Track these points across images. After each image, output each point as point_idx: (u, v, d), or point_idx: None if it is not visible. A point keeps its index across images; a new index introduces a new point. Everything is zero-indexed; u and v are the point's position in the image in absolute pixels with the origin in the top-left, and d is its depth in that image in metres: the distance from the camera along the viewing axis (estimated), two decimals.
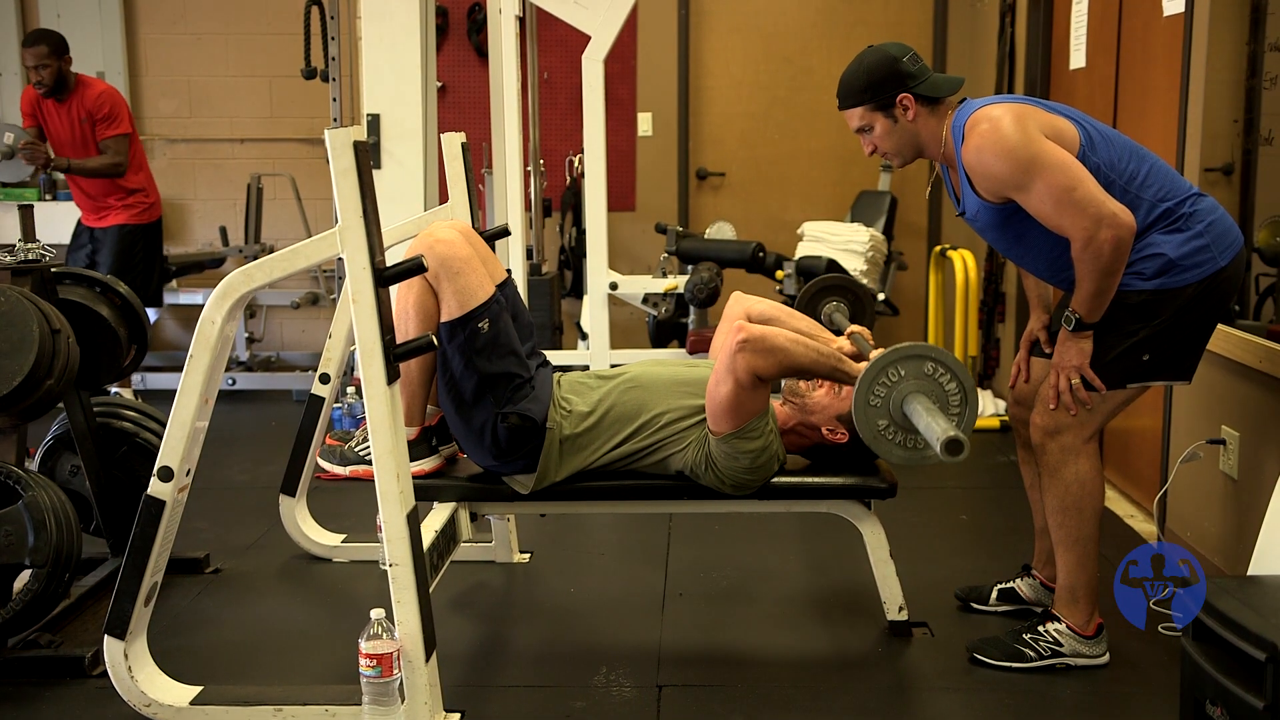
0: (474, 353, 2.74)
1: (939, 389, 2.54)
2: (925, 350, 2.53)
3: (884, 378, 2.52)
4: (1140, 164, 2.62)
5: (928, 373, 2.53)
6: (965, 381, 2.55)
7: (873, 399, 2.53)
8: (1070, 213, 2.50)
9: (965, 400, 2.54)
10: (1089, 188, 2.50)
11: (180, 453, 2.43)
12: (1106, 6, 4.37)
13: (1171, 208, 2.60)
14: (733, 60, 6.70)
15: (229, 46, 6.60)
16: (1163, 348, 2.63)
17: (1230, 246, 2.63)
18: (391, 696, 2.37)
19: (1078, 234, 2.51)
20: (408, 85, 4.77)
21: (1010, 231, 2.69)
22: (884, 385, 2.53)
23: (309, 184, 6.57)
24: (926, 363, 2.53)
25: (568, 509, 3.16)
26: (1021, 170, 2.51)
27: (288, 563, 3.57)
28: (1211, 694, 2.12)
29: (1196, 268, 2.59)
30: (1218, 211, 2.65)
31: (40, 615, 2.78)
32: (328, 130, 2.28)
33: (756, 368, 2.63)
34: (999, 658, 2.78)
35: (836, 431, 2.90)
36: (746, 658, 2.91)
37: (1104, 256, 2.51)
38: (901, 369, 2.52)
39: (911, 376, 2.53)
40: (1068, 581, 2.76)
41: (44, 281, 3.14)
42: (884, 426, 2.55)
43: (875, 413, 2.54)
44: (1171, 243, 2.58)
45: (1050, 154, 2.51)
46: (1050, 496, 2.74)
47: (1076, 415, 2.67)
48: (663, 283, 5.56)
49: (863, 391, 2.53)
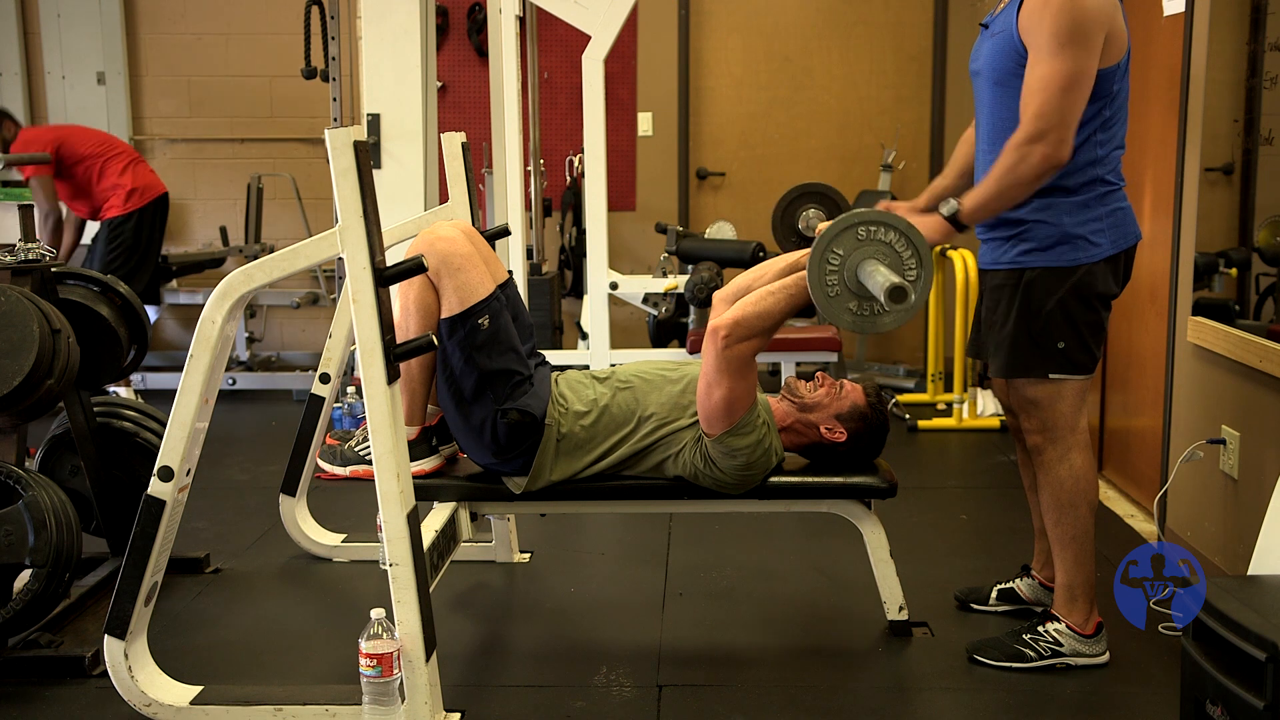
0: (474, 349, 2.75)
1: (894, 254, 2.45)
2: (865, 216, 2.44)
3: (835, 247, 2.44)
4: (1124, 121, 2.66)
5: (880, 238, 2.44)
6: (918, 243, 2.45)
7: (828, 268, 2.45)
8: (1043, 99, 2.49)
9: (920, 263, 2.44)
10: (1076, 104, 2.50)
11: (180, 452, 2.43)
12: None
13: (1100, 178, 2.62)
14: (733, 60, 6.70)
15: (229, 46, 6.60)
16: (1071, 334, 2.65)
17: (1124, 238, 2.66)
18: (392, 696, 2.37)
19: (1028, 122, 2.50)
20: (408, 85, 4.77)
21: (998, 69, 2.65)
22: (837, 256, 2.44)
23: (309, 184, 6.57)
24: (860, 228, 2.44)
25: (568, 509, 3.16)
26: (1062, 35, 2.48)
27: (288, 562, 3.58)
28: (1212, 694, 2.12)
29: (1088, 248, 2.62)
30: (1124, 204, 2.68)
31: (40, 615, 2.78)
32: (328, 130, 2.28)
33: (745, 353, 2.63)
34: (999, 658, 2.78)
35: (835, 430, 2.90)
36: (747, 657, 2.91)
37: (1026, 163, 2.51)
38: (845, 241, 2.44)
39: (862, 246, 2.44)
40: (1066, 580, 2.76)
41: (44, 281, 3.14)
42: (835, 288, 2.47)
43: (829, 277, 2.46)
44: (1071, 214, 2.60)
45: (1090, 46, 2.49)
46: (1045, 494, 2.74)
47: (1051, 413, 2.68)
48: (663, 282, 5.56)
49: (816, 259, 2.45)
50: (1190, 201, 3.41)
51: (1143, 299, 3.99)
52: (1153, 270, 3.86)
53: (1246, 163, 3.33)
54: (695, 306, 5.31)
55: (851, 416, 2.90)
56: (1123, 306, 4.18)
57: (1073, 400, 2.70)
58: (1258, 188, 3.31)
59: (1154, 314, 3.86)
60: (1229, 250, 3.36)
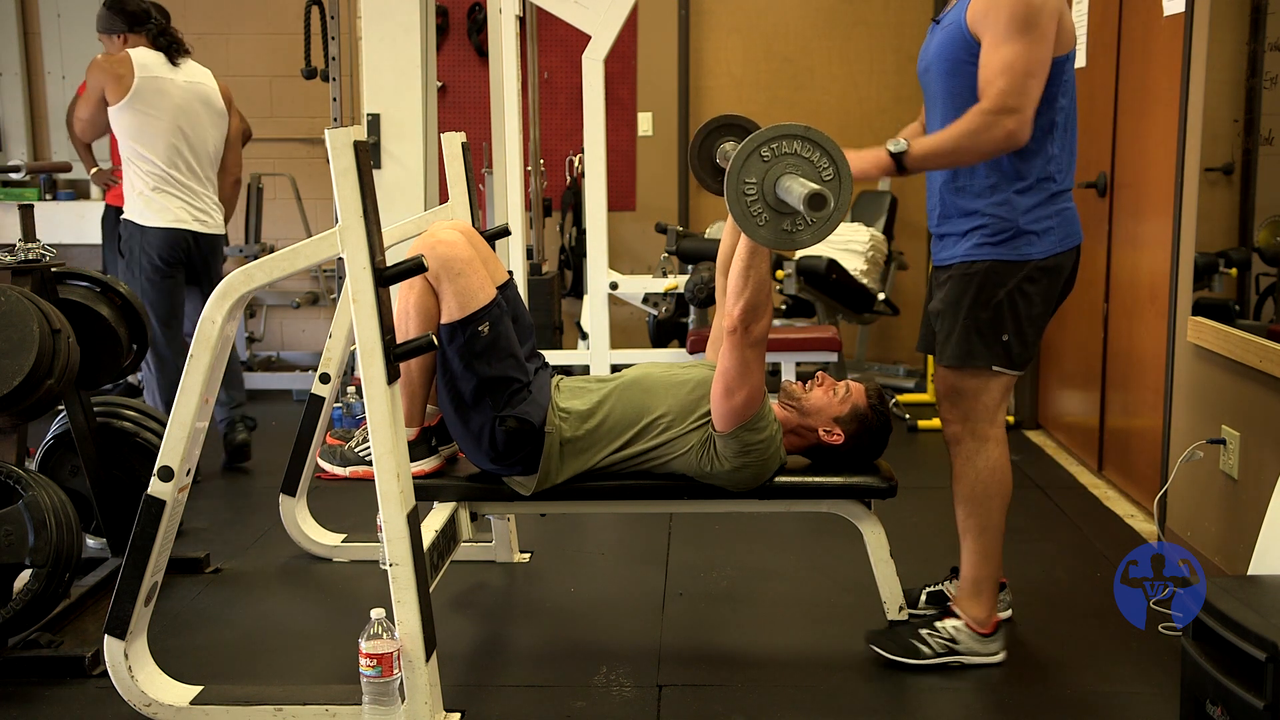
0: (473, 356, 2.74)
1: (806, 164, 2.34)
2: (763, 135, 2.34)
3: (746, 176, 2.34)
4: (1072, 119, 2.66)
5: (786, 151, 2.33)
6: (825, 144, 2.35)
7: (748, 198, 2.34)
8: (1009, 79, 2.49)
9: (834, 165, 2.35)
10: (1036, 88, 2.51)
11: (180, 452, 2.43)
12: (1107, 6, 4.37)
13: (1050, 178, 2.63)
14: (733, 60, 6.70)
15: (229, 46, 6.60)
16: (1017, 328, 2.66)
17: (1069, 238, 2.68)
18: (392, 696, 2.37)
19: (997, 95, 2.50)
20: (408, 85, 4.77)
21: (948, 59, 2.65)
22: (752, 184, 2.34)
23: (309, 184, 6.57)
24: (763, 148, 2.33)
25: (568, 509, 3.16)
26: (1017, 24, 2.49)
27: (288, 562, 3.58)
28: (1212, 694, 2.12)
29: (1038, 244, 2.63)
30: (1072, 206, 2.70)
31: (40, 615, 2.78)
32: (328, 130, 2.28)
33: (762, 332, 2.62)
34: (895, 652, 2.79)
35: (833, 432, 2.90)
36: (747, 657, 2.91)
37: (990, 132, 2.50)
38: (753, 167, 2.33)
39: (773, 164, 2.33)
40: (972, 574, 2.78)
41: (44, 281, 3.14)
42: (760, 216, 2.36)
43: (753, 207, 2.35)
44: (1025, 211, 2.62)
45: (1048, 36, 2.51)
46: (960, 486, 2.76)
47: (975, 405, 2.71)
48: (663, 282, 5.56)
49: (732, 192, 2.34)
50: (1190, 201, 3.41)
51: (1143, 299, 3.99)
52: (1153, 270, 3.86)
53: (1246, 163, 3.33)
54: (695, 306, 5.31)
55: (851, 419, 2.90)
56: (1123, 306, 4.20)
57: (999, 394, 2.73)
58: (1258, 188, 3.31)
59: (1154, 314, 3.86)
60: (1229, 250, 3.36)
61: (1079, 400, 4.76)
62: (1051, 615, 3.11)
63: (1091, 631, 2.98)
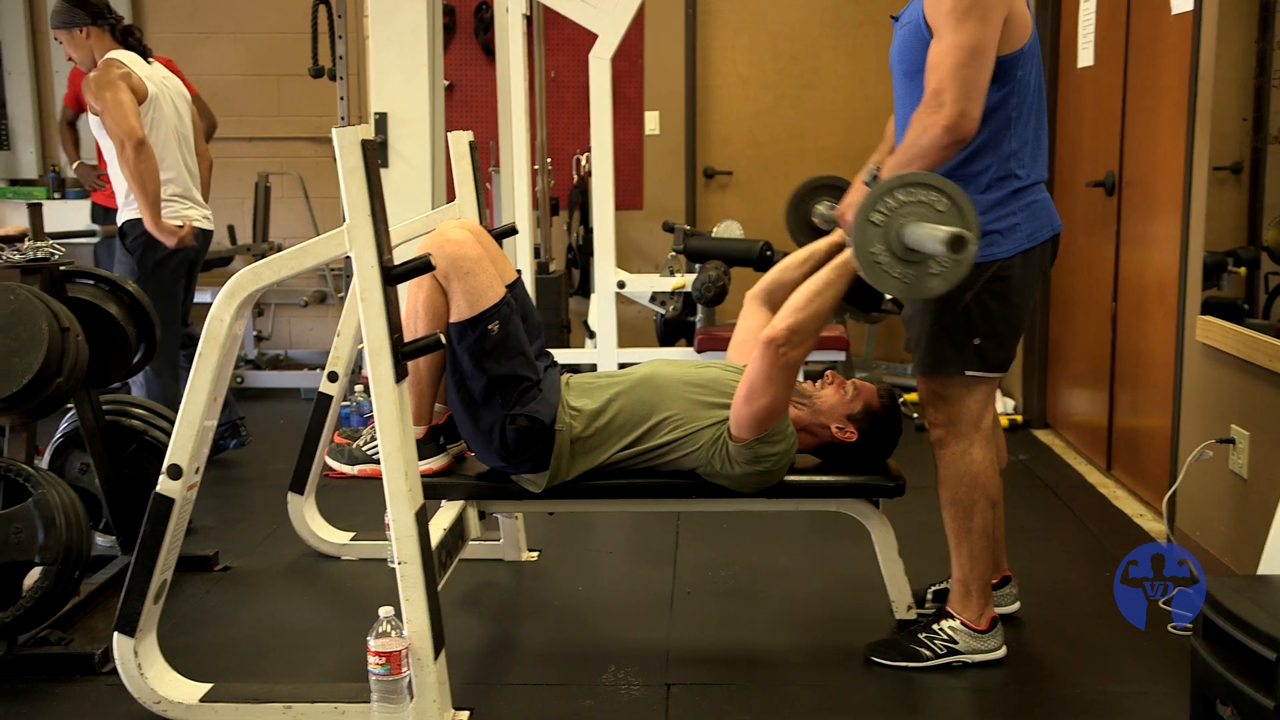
0: (483, 354, 2.74)
1: (934, 212, 2.38)
2: (898, 181, 2.39)
3: (882, 204, 2.38)
4: (1030, 110, 2.61)
5: (918, 198, 2.37)
6: (955, 196, 2.38)
7: (871, 236, 2.38)
8: (943, 71, 2.45)
9: (961, 215, 2.37)
10: (977, 75, 2.45)
11: (189, 451, 2.43)
12: (1115, 5, 4.36)
13: (1013, 174, 2.60)
14: (740, 59, 6.70)
15: (237, 46, 6.61)
16: (989, 330, 2.64)
17: (1041, 229, 2.65)
18: (400, 694, 2.38)
19: (930, 95, 2.47)
20: (415, 84, 4.77)
21: (908, 61, 2.65)
22: (883, 213, 2.37)
23: (316, 183, 6.58)
24: (896, 193, 2.37)
25: (576, 507, 3.16)
26: (956, 14, 2.45)
27: (296, 560, 3.58)
28: (1222, 693, 2.11)
29: (1003, 243, 2.60)
30: (1041, 195, 2.66)
31: (50, 613, 2.79)
32: (335, 129, 2.28)
33: (797, 358, 2.64)
34: (896, 658, 2.79)
35: (846, 430, 2.90)
36: (755, 656, 2.91)
37: (927, 135, 2.46)
38: (883, 208, 2.37)
39: (900, 210, 2.37)
40: (961, 575, 2.78)
41: (53, 280, 3.14)
42: (880, 255, 2.39)
43: (873, 247, 2.38)
44: (985, 211, 2.57)
45: (988, 20, 2.45)
46: (945, 489, 2.76)
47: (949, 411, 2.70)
48: (670, 281, 5.56)
49: (860, 219, 2.37)
50: (1199, 200, 3.40)
51: (1151, 298, 3.98)
52: (1161, 269, 3.85)
53: (1255, 161, 3.32)
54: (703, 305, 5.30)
55: (863, 417, 2.90)
56: (1131, 305, 4.19)
57: (982, 397, 2.72)
58: (1266, 186, 3.30)
59: (1162, 313, 3.85)
60: (1238, 249, 3.35)
61: (1087, 399, 4.76)
62: (1060, 614, 3.10)
63: (1100, 631, 2.98)
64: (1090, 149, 4.64)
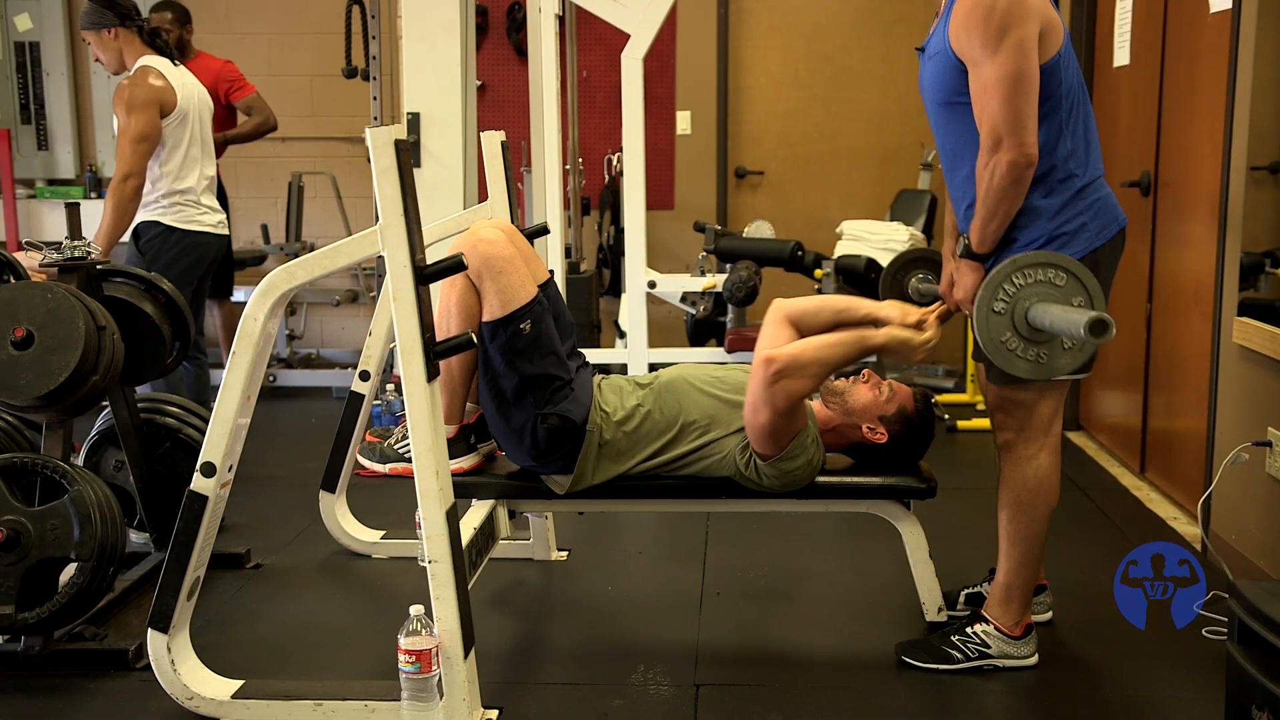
0: (515, 354, 2.75)
1: (1056, 289, 2.40)
2: (1020, 262, 2.41)
3: (1002, 292, 2.40)
4: (1078, 108, 2.60)
5: (1039, 278, 2.39)
6: (1078, 273, 2.40)
7: (997, 318, 2.40)
8: (992, 107, 2.45)
9: (1090, 298, 2.39)
10: (1026, 103, 2.45)
11: (223, 449, 2.45)
12: (1151, 3, 4.32)
13: (1072, 174, 2.58)
14: (772, 59, 6.68)
15: (271, 46, 6.66)
16: None
17: (1108, 226, 2.62)
18: (430, 692, 2.38)
19: (987, 134, 2.47)
20: (448, 84, 4.79)
21: (942, 90, 2.63)
22: (1004, 299, 2.39)
23: (349, 182, 6.61)
24: (1014, 275, 2.39)
25: (606, 508, 3.16)
26: (992, 40, 2.44)
27: (328, 559, 3.60)
28: (1258, 699, 2.09)
29: (1073, 244, 2.57)
30: (1103, 191, 2.64)
31: (85, 608, 2.81)
32: (368, 129, 2.29)
33: (794, 391, 2.66)
34: (927, 660, 2.77)
35: (877, 430, 2.89)
36: (784, 658, 2.90)
37: (998, 176, 2.48)
38: (1010, 286, 2.39)
39: (1023, 290, 2.39)
40: (1005, 580, 2.75)
41: (90, 279, 3.17)
42: (1008, 339, 2.42)
43: (1001, 333, 2.40)
44: (1051, 217, 2.57)
45: (1022, 46, 2.44)
46: (1006, 491, 2.73)
47: (1017, 417, 2.67)
48: (701, 281, 5.55)
49: (983, 309, 2.39)
50: (1236, 200, 3.36)
51: (1187, 299, 3.94)
52: (1197, 270, 3.81)
53: None
54: (733, 305, 5.30)
55: (896, 419, 2.89)
56: (1166, 306, 4.15)
57: (1054, 403, 2.69)
58: None
59: (1198, 314, 3.82)
60: (1275, 250, 3.31)
61: (1121, 401, 4.72)
62: (1093, 618, 3.08)
63: (1133, 635, 2.94)
64: (1126, 149, 4.60)
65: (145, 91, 4.05)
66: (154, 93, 4.06)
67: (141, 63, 4.12)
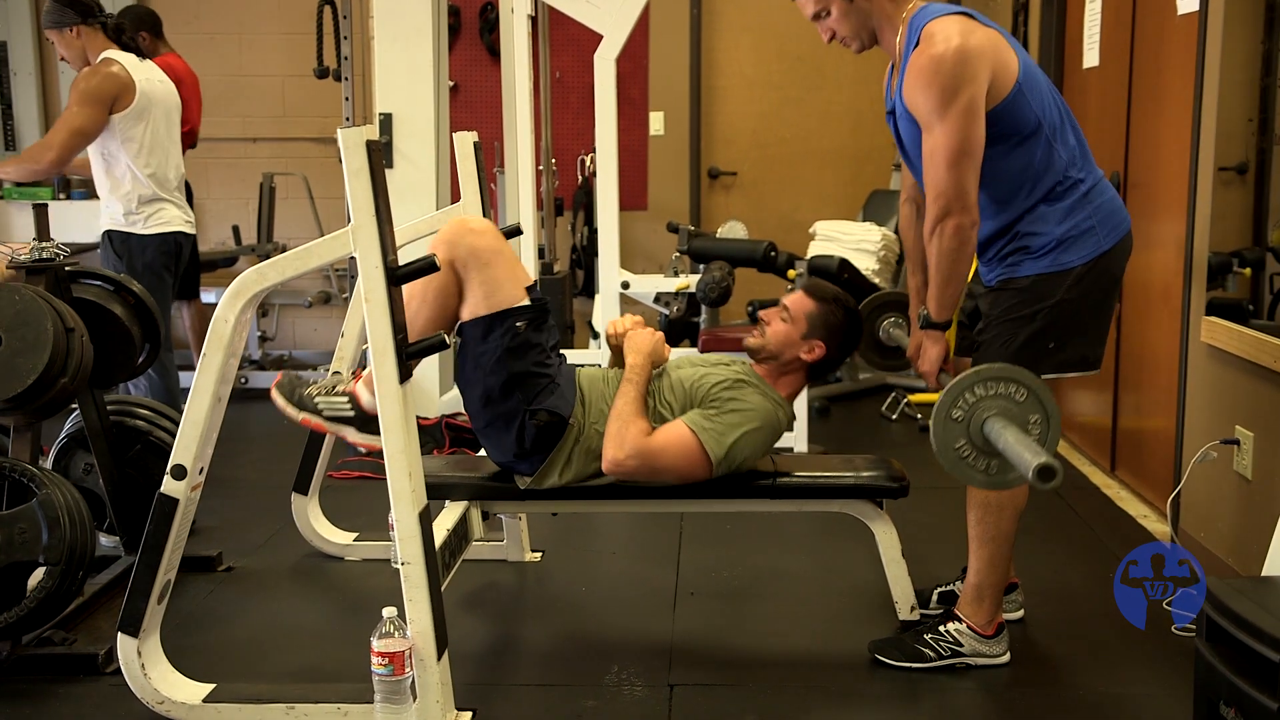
0: (506, 351, 2.73)
1: (1014, 405, 2.41)
2: (979, 376, 2.41)
3: (962, 399, 2.41)
4: (1060, 118, 2.63)
5: (1003, 392, 2.41)
6: (1036, 389, 2.41)
7: (954, 429, 2.42)
8: (936, 176, 2.51)
9: (1047, 420, 2.41)
10: (966, 172, 2.50)
11: (193, 451, 2.44)
12: (1120, 5, 4.35)
13: (1075, 180, 2.62)
14: (744, 59, 6.70)
15: (242, 46, 6.62)
16: (1065, 334, 2.65)
17: (1116, 229, 2.65)
18: (404, 695, 2.38)
19: (933, 200, 2.54)
20: (420, 84, 4.77)
21: (918, 146, 2.66)
22: (963, 408, 2.41)
23: (321, 183, 6.58)
24: (974, 387, 2.40)
25: (579, 508, 3.16)
26: (940, 104, 2.48)
27: (300, 561, 3.58)
28: (1225, 695, 2.11)
29: (1081, 249, 2.61)
30: (1109, 193, 2.67)
31: (54, 613, 2.79)
32: (340, 129, 2.28)
33: (643, 454, 2.74)
34: (899, 658, 2.79)
35: (813, 349, 2.91)
36: (758, 657, 2.91)
37: (943, 240, 2.55)
38: (971, 395, 2.41)
39: (982, 401, 2.40)
40: (976, 580, 2.77)
41: (58, 280, 3.15)
42: (962, 447, 2.43)
43: (955, 432, 2.41)
44: (1061, 227, 2.60)
45: (970, 109, 2.48)
46: (975, 491, 2.74)
47: None
48: (675, 282, 5.55)
49: (940, 414, 2.41)
50: (1204, 201, 3.39)
51: (1155, 299, 3.97)
52: (1166, 270, 3.85)
53: (1260, 162, 3.32)
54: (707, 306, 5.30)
55: (818, 328, 2.91)
56: (1135, 306, 4.18)
57: None
58: (1272, 187, 3.29)
59: (1167, 314, 3.85)
60: (1243, 250, 3.35)
61: (1091, 400, 4.75)
62: (1063, 616, 3.10)
63: (1103, 632, 2.97)
64: (1095, 149, 4.55)
65: (100, 82, 3.99)
66: (111, 84, 4.00)
67: (105, 55, 4.08)
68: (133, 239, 4.14)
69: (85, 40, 4.11)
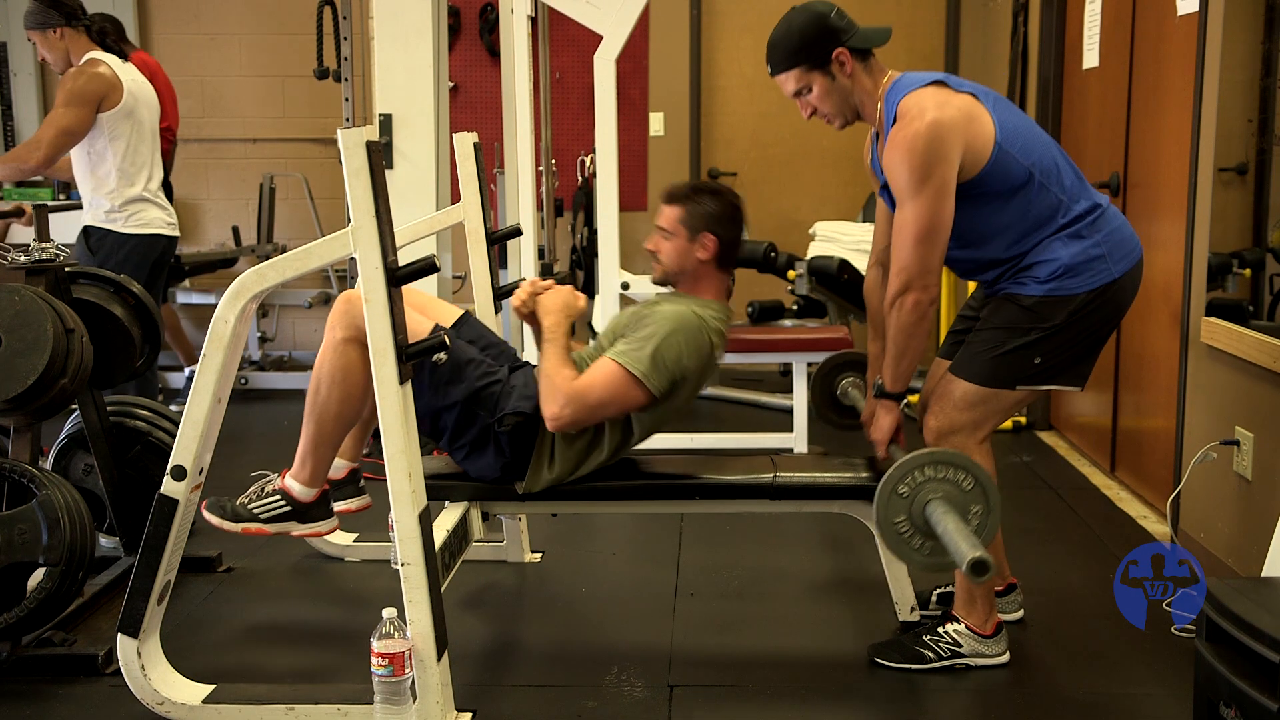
0: (443, 384, 2.74)
1: (958, 491, 2.43)
2: (919, 460, 2.44)
3: (910, 477, 2.44)
4: (1052, 158, 2.64)
5: (951, 478, 2.43)
6: (989, 492, 2.44)
7: (898, 493, 2.44)
8: (909, 248, 2.55)
9: (988, 512, 2.44)
10: (933, 249, 2.55)
11: (193, 452, 2.44)
12: (1120, 6, 4.35)
13: (1079, 213, 2.63)
14: (744, 60, 6.69)
15: (242, 47, 6.62)
16: (1055, 352, 2.65)
17: (1126, 258, 2.66)
18: (403, 695, 2.38)
19: (896, 273, 2.58)
20: (420, 85, 4.77)
21: None
22: (908, 486, 2.44)
23: (321, 184, 6.58)
24: (914, 473, 2.43)
25: (579, 509, 3.16)
26: (913, 182, 2.53)
27: (300, 562, 3.58)
28: (1225, 695, 2.11)
29: (1090, 276, 2.61)
30: (1118, 221, 2.68)
31: (54, 613, 2.79)
32: (340, 130, 2.28)
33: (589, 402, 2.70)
34: (899, 660, 2.79)
35: (705, 246, 2.91)
36: (758, 658, 2.91)
37: (902, 314, 2.58)
38: (919, 475, 2.43)
39: (924, 485, 2.43)
40: (965, 583, 2.78)
41: (58, 281, 3.15)
42: (901, 523, 2.45)
43: (898, 507, 2.44)
44: (1069, 250, 2.61)
45: (941, 190, 2.52)
46: None
47: (970, 415, 2.69)
48: None
49: (887, 488, 2.44)
50: (1204, 201, 3.39)
51: (1155, 299, 3.97)
52: (1166, 270, 3.85)
53: (1260, 162, 3.32)
54: None
55: (700, 227, 2.91)
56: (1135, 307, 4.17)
57: (1008, 408, 2.72)
58: (1272, 187, 3.29)
59: (1167, 314, 3.85)
60: (1243, 250, 3.35)
61: (1091, 401, 4.75)
62: (1063, 616, 3.10)
63: (1103, 633, 2.97)
64: (1095, 150, 4.63)
65: (87, 82, 4.00)
66: (98, 84, 4.01)
67: (90, 56, 4.09)
68: (110, 236, 4.13)
69: (68, 42, 4.12)
